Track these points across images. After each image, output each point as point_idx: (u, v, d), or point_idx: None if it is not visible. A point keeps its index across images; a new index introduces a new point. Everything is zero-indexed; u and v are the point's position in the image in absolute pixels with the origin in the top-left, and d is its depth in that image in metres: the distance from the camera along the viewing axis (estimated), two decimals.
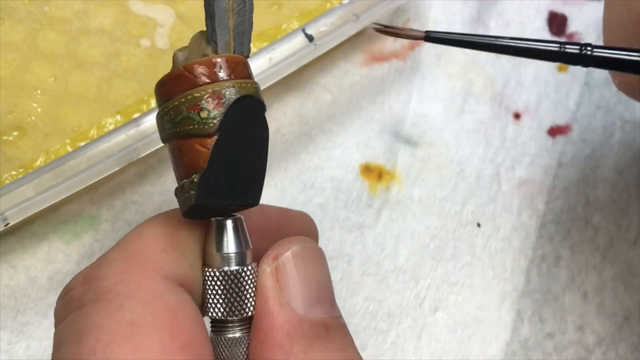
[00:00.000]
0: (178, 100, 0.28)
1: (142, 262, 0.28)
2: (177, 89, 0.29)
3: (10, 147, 0.41)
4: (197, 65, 0.29)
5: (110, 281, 0.27)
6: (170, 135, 0.29)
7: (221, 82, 0.28)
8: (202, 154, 0.28)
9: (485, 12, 0.50)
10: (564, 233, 0.46)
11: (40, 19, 0.44)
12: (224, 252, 0.29)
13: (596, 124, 0.48)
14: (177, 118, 0.28)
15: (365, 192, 0.46)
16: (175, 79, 0.29)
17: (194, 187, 0.28)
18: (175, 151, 0.29)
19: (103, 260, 0.29)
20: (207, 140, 0.28)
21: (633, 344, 0.44)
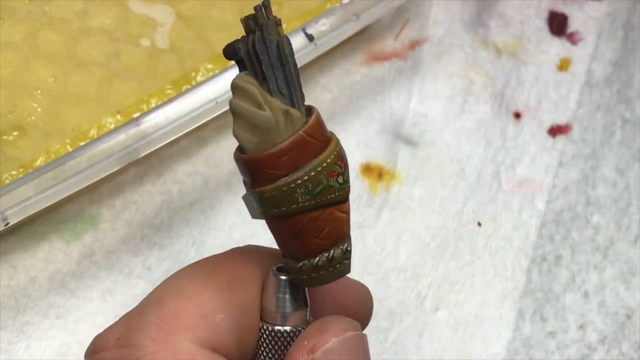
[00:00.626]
0: (314, 169, 0.26)
1: (179, 328, 0.26)
2: (304, 157, 0.26)
3: (10, 147, 0.41)
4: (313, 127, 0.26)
5: (146, 351, 0.26)
6: (305, 208, 0.26)
7: (333, 142, 0.27)
8: (344, 220, 0.27)
9: (485, 12, 0.50)
10: (564, 232, 0.46)
11: (41, 18, 0.44)
12: (281, 312, 0.28)
13: (596, 123, 0.48)
14: (317, 189, 0.26)
15: (366, 191, 0.46)
16: (300, 147, 0.26)
17: (347, 256, 0.27)
18: (311, 223, 0.26)
19: (139, 320, 0.27)
20: (344, 205, 0.27)
21: (636, 342, 0.44)
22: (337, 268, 0.27)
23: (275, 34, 0.26)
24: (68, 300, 0.42)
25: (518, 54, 0.49)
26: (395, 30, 0.49)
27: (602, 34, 0.50)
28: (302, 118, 0.26)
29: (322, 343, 0.26)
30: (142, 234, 0.44)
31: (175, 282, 0.28)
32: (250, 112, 0.26)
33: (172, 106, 0.41)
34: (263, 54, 0.26)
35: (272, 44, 0.26)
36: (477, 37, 0.49)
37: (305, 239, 0.27)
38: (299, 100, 0.27)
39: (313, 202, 0.26)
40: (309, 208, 0.26)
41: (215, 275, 0.28)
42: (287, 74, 0.26)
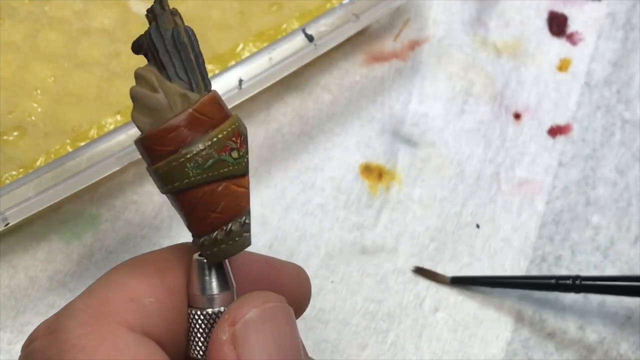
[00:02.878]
0: (203, 143, 0.27)
1: (107, 313, 0.27)
2: (193, 133, 0.27)
3: (10, 147, 0.41)
4: (205, 104, 0.28)
5: (73, 334, 0.26)
6: (198, 182, 0.27)
7: (230, 120, 0.28)
8: (243, 194, 0.28)
9: (485, 12, 0.50)
10: (564, 233, 0.46)
11: (41, 19, 0.44)
12: (207, 294, 0.28)
13: (596, 123, 0.48)
14: (208, 162, 0.27)
15: (365, 192, 0.46)
16: (189, 123, 0.27)
17: (246, 229, 0.28)
18: (206, 196, 0.27)
19: (68, 309, 0.27)
20: (242, 180, 0.28)
21: (635, 343, 0.44)
22: (237, 241, 0.28)
23: (171, 24, 0.28)
24: (68, 300, 0.42)
25: (518, 55, 0.49)
26: (395, 31, 0.49)
27: (602, 34, 0.50)
28: None
29: (242, 315, 0.27)
30: (142, 234, 0.44)
31: (104, 276, 0.29)
32: (144, 95, 0.28)
33: None
34: (158, 42, 0.28)
35: (167, 33, 0.28)
36: (477, 38, 0.49)
37: (202, 214, 0.27)
38: (200, 85, 0.28)
39: (205, 176, 0.27)
40: (202, 182, 0.27)
41: (143, 265, 0.29)
42: (184, 59, 0.28)
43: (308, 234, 0.45)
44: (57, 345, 0.26)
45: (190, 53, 0.28)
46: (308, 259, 0.44)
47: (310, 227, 0.45)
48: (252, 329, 0.27)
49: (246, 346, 0.26)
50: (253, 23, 0.45)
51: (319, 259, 0.44)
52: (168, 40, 0.28)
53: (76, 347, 0.26)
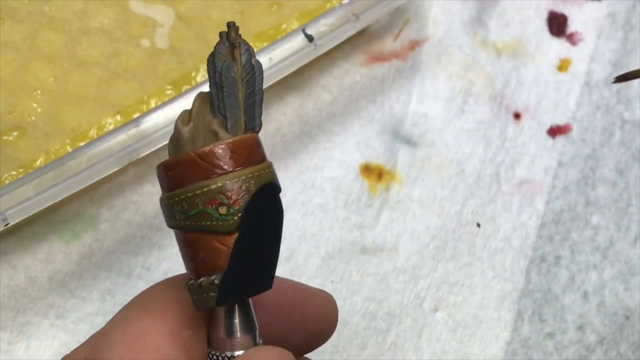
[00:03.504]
0: (192, 191, 0.26)
1: (147, 348, 0.26)
2: (189, 177, 0.26)
3: (10, 147, 0.41)
4: (211, 151, 0.26)
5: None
6: (181, 227, 0.26)
7: (239, 172, 0.26)
8: (222, 252, 0.26)
9: (485, 12, 0.50)
10: (564, 233, 0.46)
11: (40, 19, 0.44)
12: (230, 338, 0.27)
13: (596, 123, 0.48)
14: (192, 211, 0.26)
15: (365, 192, 0.46)
16: (186, 166, 0.26)
17: (214, 289, 0.26)
18: (188, 245, 0.26)
19: (106, 340, 0.26)
20: (227, 238, 0.26)
21: (634, 343, 0.44)
22: (203, 297, 0.26)
23: (226, 56, 0.27)
24: (68, 300, 0.42)
25: (518, 55, 0.49)
26: (395, 31, 0.49)
27: (601, 34, 0.50)
28: None
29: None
30: (142, 234, 0.44)
31: (140, 301, 0.28)
32: (175, 123, 0.27)
33: (172, 107, 0.41)
34: (210, 73, 0.27)
35: (219, 65, 0.27)
36: (476, 38, 0.49)
37: (187, 259, 0.27)
38: (238, 125, 0.27)
39: (188, 224, 0.26)
40: (185, 228, 0.26)
41: (181, 290, 0.27)
42: (226, 95, 0.26)
43: (308, 233, 0.45)
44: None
45: (239, 90, 0.27)
46: (308, 258, 0.44)
47: (310, 227, 0.45)
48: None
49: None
50: (253, 23, 0.45)
51: (319, 258, 0.44)
52: (219, 73, 0.27)
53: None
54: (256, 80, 0.27)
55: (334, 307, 0.32)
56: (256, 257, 0.27)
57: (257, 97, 0.27)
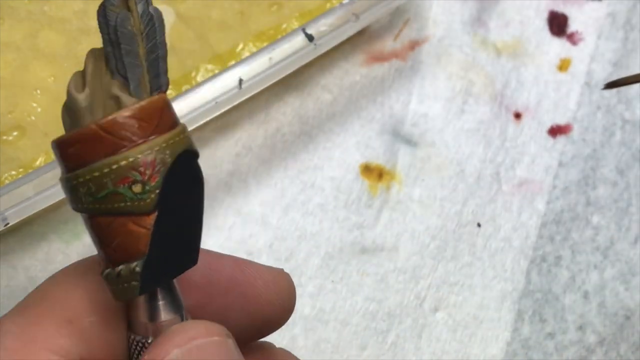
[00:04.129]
0: (98, 169, 0.22)
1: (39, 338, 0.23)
2: (93, 154, 0.22)
3: (10, 147, 0.41)
4: (115, 121, 0.22)
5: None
6: (90, 210, 0.23)
7: (151, 142, 0.22)
8: (141, 235, 0.23)
9: (485, 12, 0.50)
10: (564, 233, 0.46)
11: (40, 18, 0.44)
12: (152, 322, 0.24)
13: (596, 123, 0.48)
14: (100, 193, 0.22)
15: (365, 192, 0.46)
16: (88, 141, 0.22)
17: (135, 278, 0.23)
18: (101, 230, 0.23)
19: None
20: (145, 218, 0.23)
21: (634, 344, 0.44)
22: (124, 287, 0.23)
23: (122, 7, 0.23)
24: None
25: (518, 55, 0.49)
26: (395, 31, 0.49)
27: (602, 34, 0.50)
28: None
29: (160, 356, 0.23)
30: None
31: (43, 286, 0.25)
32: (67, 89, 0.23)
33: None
34: (102, 28, 0.23)
35: (112, 18, 0.23)
36: (476, 38, 0.49)
37: (99, 245, 0.23)
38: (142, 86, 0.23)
39: (97, 207, 0.22)
40: (95, 212, 0.23)
41: (89, 273, 0.25)
42: (125, 53, 0.23)
43: (308, 233, 0.45)
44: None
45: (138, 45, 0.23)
46: (308, 258, 0.44)
47: (310, 226, 0.45)
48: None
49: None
50: (253, 23, 0.45)
51: (319, 258, 0.44)
52: (112, 27, 0.23)
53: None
54: (157, 32, 0.23)
55: (285, 287, 0.28)
56: (179, 235, 0.24)
57: (160, 52, 0.24)
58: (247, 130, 0.46)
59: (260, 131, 0.46)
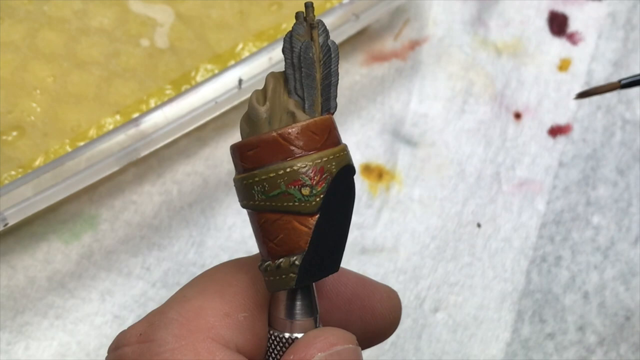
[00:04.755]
0: (274, 171, 0.26)
1: (202, 327, 0.26)
2: (270, 158, 0.26)
3: (9, 147, 0.41)
4: (293, 132, 0.26)
5: (167, 347, 0.25)
6: (261, 207, 0.26)
7: (320, 153, 0.26)
8: (303, 233, 0.26)
9: (485, 12, 0.50)
10: (564, 233, 0.46)
11: (40, 18, 0.44)
12: (290, 320, 0.27)
13: (597, 124, 0.48)
14: (273, 192, 0.26)
15: (365, 192, 0.46)
16: (268, 146, 0.26)
17: (294, 270, 0.26)
18: (267, 224, 0.26)
19: (162, 318, 0.26)
20: (309, 219, 0.26)
21: (634, 344, 0.44)
22: (283, 279, 0.26)
23: (305, 37, 0.27)
24: (67, 300, 0.42)
25: (518, 54, 0.49)
26: (395, 31, 0.49)
27: (602, 34, 0.50)
28: None
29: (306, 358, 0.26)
30: (141, 234, 0.44)
31: (199, 282, 0.28)
32: (250, 102, 0.27)
33: (172, 106, 0.41)
34: (287, 53, 0.27)
35: (297, 45, 0.26)
36: (477, 38, 0.49)
37: (262, 239, 0.27)
38: (315, 106, 0.27)
39: (268, 204, 0.26)
40: (265, 209, 0.26)
41: (240, 272, 0.28)
42: (304, 76, 0.26)
43: None
44: (150, 356, 0.26)
45: (316, 71, 0.27)
46: None
47: None
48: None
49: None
50: (253, 23, 0.45)
51: None
52: (296, 53, 0.26)
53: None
54: (332, 62, 0.27)
55: (396, 304, 0.31)
56: (331, 239, 0.27)
57: (333, 79, 0.27)
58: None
59: None
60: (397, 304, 0.31)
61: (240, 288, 0.27)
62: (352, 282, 0.30)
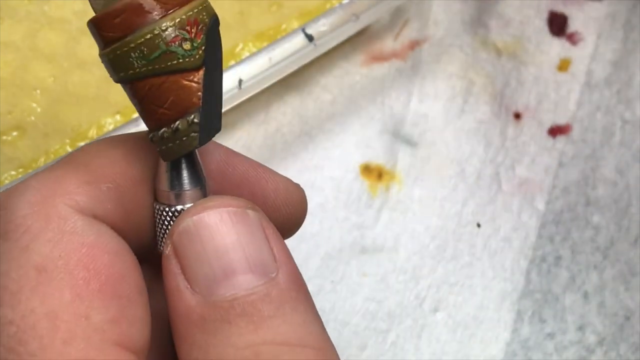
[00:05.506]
0: (150, 32, 0.24)
1: (58, 193, 0.24)
2: (141, 20, 0.24)
3: (10, 147, 0.41)
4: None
5: (19, 214, 0.24)
6: (144, 73, 0.25)
7: (189, 5, 0.25)
8: (194, 90, 0.25)
9: (485, 12, 0.50)
10: (564, 233, 0.46)
11: (40, 18, 0.44)
12: (176, 191, 0.26)
13: (596, 124, 0.48)
14: (154, 54, 0.24)
15: (365, 192, 0.46)
16: (136, 9, 0.24)
17: (194, 129, 0.25)
18: (153, 90, 0.25)
19: (21, 185, 0.25)
20: (195, 74, 0.25)
21: (634, 344, 0.44)
22: (184, 141, 0.25)
23: None
24: None
25: (518, 55, 0.49)
26: (395, 31, 0.49)
27: (602, 34, 0.50)
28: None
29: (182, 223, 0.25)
30: None
31: (69, 153, 0.27)
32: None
33: None
34: None
35: None
36: (477, 38, 0.49)
37: (150, 108, 0.25)
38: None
39: (151, 68, 0.25)
40: (148, 74, 0.25)
41: (113, 147, 0.26)
42: None
43: (308, 233, 0.45)
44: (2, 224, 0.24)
45: None
46: (308, 258, 0.44)
47: (310, 227, 0.45)
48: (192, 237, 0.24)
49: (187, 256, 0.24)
50: (253, 23, 0.45)
51: (319, 258, 0.44)
52: None
53: (20, 227, 0.24)
54: None
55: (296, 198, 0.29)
56: (214, 94, 0.26)
57: None
58: (247, 130, 0.46)
59: (260, 131, 0.46)
60: (297, 199, 0.29)
61: (108, 160, 0.26)
62: (243, 166, 0.28)
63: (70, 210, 0.24)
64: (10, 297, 0.23)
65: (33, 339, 0.23)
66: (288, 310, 0.24)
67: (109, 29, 0.25)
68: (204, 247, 0.24)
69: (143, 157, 0.27)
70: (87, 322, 0.23)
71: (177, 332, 0.24)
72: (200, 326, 0.24)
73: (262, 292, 0.24)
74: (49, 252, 0.23)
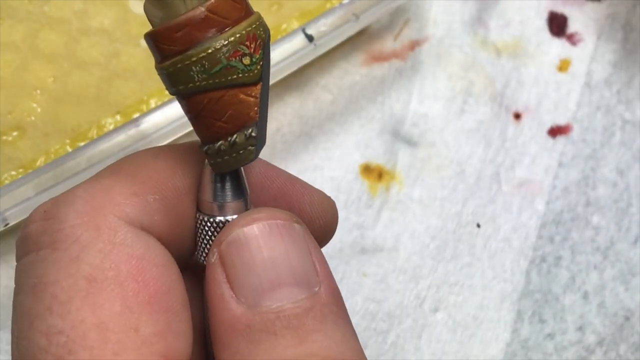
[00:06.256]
0: (212, 47, 0.25)
1: (106, 204, 0.25)
2: (202, 34, 0.25)
3: (10, 147, 0.41)
4: (218, 3, 0.25)
5: (67, 224, 0.24)
6: (204, 87, 0.25)
7: (248, 21, 0.25)
8: (251, 104, 0.26)
9: (485, 12, 0.50)
10: (564, 233, 0.46)
11: (40, 18, 0.44)
12: (216, 201, 0.27)
13: (596, 124, 0.48)
14: (215, 68, 0.25)
15: (365, 192, 0.46)
16: (198, 22, 0.25)
17: (252, 143, 0.26)
18: (212, 104, 0.25)
19: (68, 195, 0.25)
20: (253, 88, 0.25)
21: (634, 344, 0.44)
22: (241, 154, 0.26)
23: None
24: None
25: (518, 55, 0.49)
26: (395, 31, 0.49)
27: (602, 35, 0.50)
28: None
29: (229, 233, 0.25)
30: None
31: (115, 164, 0.27)
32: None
33: (172, 106, 0.41)
34: None
35: None
36: (477, 38, 0.49)
37: (207, 121, 0.26)
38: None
39: (211, 82, 0.25)
40: (208, 88, 0.25)
41: (158, 158, 0.27)
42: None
43: None
44: (50, 234, 0.24)
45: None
46: None
47: None
48: (239, 248, 0.25)
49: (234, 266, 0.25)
50: None
51: None
52: None
53: (70, 237, 0.24)
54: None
55: (328, 210, 0.30)
56: (266, 107, 0.27)
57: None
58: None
59: None
60: (330, 211, 0.30)
61: (154, 171, 0.26)
62: (281, 179, 0.29)
63: (120, 221, 0.25)
64: (60, 306, 0.23)
65: (83, 349, 0.23)
66: (330, 325, 0.25)
67: (169, 42, 0.25)
68: (252, 258, 0.25)
69: (187, 169, 0.27)
70: (137, 334, 0.23)
71: (219, 340, 0.24)
72: (245, 335, 0.24)
73: (307, 306, 0.24)
74: (100, 262, 0.24)
